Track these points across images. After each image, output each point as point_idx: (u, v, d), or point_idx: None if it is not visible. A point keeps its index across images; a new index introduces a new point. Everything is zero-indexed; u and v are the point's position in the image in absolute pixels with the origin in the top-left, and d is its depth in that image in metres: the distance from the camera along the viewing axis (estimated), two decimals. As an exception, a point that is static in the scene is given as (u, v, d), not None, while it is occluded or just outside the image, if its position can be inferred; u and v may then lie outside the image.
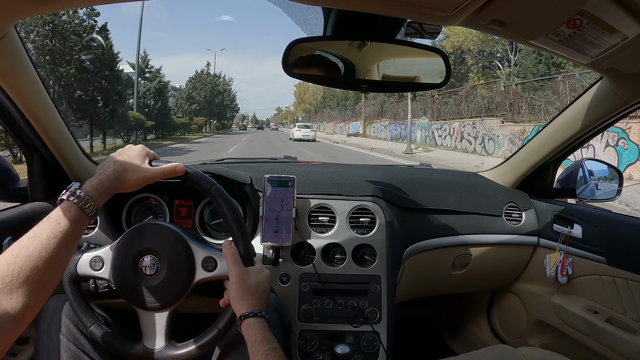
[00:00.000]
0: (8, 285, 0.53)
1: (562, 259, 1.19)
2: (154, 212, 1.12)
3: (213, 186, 0.75)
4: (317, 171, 1.23)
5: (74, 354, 0.77)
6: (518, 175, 1.36)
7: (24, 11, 0.59)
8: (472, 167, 8.26)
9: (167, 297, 0.76)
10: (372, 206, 1.11)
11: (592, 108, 1.04)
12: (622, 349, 1.01)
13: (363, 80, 0.83)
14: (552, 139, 1.21)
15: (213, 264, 0.77)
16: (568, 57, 0.73)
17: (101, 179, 0.66)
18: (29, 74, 0.82)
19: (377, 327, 1.03)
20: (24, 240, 0.57)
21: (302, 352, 1.03)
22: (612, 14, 0.58)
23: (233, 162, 1.47)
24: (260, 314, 0.69)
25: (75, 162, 1.06)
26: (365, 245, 1.09)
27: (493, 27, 0.63)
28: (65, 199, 0.62)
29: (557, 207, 1.27)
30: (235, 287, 0.71)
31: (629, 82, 0.87)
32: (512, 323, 1.48)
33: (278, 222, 1.01)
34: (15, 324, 0.53)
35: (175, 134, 26.80)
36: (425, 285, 1.35)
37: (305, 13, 0.79)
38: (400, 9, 0.60)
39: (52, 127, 0.94)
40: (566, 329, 1.19)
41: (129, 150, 0.72)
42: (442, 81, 0.83)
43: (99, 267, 0.77)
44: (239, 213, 0.78)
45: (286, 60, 0.77)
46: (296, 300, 1.04)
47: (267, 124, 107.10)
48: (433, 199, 1.26)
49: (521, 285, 1.41)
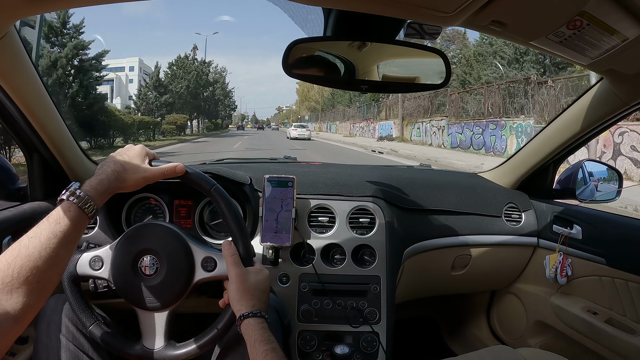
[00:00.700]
0: (8, 285, 0.53)
1: (561, 259, 1.19)
2: (154, 212, 1.12)
3: (213, 186, 0.75)
4: (316, 171, 1.23)
5: (73, 354, 0.77)
6: (518, 176, 1.36)
7: (24, 11, 0.59)
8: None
9: (166, 297, 0.76)
10: (372, 206, 1.11)
11: (592, 109, 1.04)
12: (622, 350, 1.01)
13: (363, 80, 0.83)
14: (552, 139, 1.21)
15: (212, 264, 0.77)
16: (568, 58, 0.73)
17: (101, 179, 0.66)
18: (29, 74, 0.82)
19: (376, 328, 1.03)
20: (24, 240, 0.57)
21: (302, 353, 1.03)
22: (612, 15, 0.58)
23: (233, 162, 1.47)
24: (259, 314, 0.69)
25: (75, 162, 1.06)
26: (365, 245, 1.09)
27: (493, 28, 0.63)
28: (65, 199, 0.62)
29: (557, 207, 1.27)
30: (234, 287, 0.71)
31: (629, 83, 0.87)
32: (511, 324, 1.48)
33: (278, 222, 1.01)
34: (16, 324, 0.53)
35: (119, 137, 16.11)
36: (425, 285, 1.35)
37: (305, 13, 0.79)
38: (400, 10, 0.60)
39: (51, 126, 0.94)
40: (566, 329, 1.19)
41: (129, 150, 0.72)
42: (442, 82, 0.83)
43: (99, 266, 0.77)
44: (238, 213, 0.78)
45: (286, 61, 0.77)
46: (296, 300, 1.04)
47: (267, 124, 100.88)
48: (433, 199, 1.26)
49: (521, 286, 1.41)
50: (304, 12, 0.78)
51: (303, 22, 0.81)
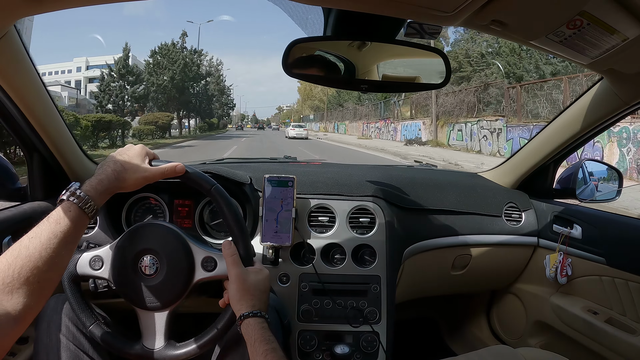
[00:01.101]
0: (9, 285, 0.53)
1: (561, 259, 1.19)
2: (154, 212, 1.12)
3: (213, 186, 0.75)
4: (317, 171, 1.23)
5: (73, 354, 0.77)
6: (518, 175, 1.36)
7: (23, 11, 0.59)
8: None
9: (166, 296, 0.76)
10: (372, 206, 1.11)
11: (592, 109, 1.04)
12: (622, 350, 1.01)
13: (363, 80, 0.83)
14: (552, 139, 1.21)
15: (213, 264, 0.77)
16: (568, 58, 0.73)
17: (101, 179, 0.66)
18: (29, 74, 0.82)
19: (376, 328, 1.03)
20: (24, 241, 0.57)
21: (302, 352, 1.03)
22: (612, 14, 0.58)
23: (233, 162, 1.47)
24: (260, 314, 0.69)
25: (75, 162, 1.06)
26: (365, 245, 1.09)
27: (493, 28, 0.63)
28: (65, 199, 0.62)
29: (557, 207, 1.27)
30: (234, 287, 0.71)
31: (629, 82, 0.87)
32: (511, 324, 1.48)
33: (278, 222, 1.01)
34: (16, 324, 0.53)
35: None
36: (425, 285, 1.35)
37: (306, 13, 0.79)
38: (400, 9, 0.60)
39: (51, 126, 0.94)
40: (566, 329, 1.19)
41: (129, 150, 0.72)
42: (442, 81, 0.83)
43: (99, 266, 0.77)
44: (238, 213, 0.78)
45: (286, 61, 0.77)
46: (296, 300, 1.05)
47: (267, 124, 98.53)
48: (433, 199, 1.26)
49: (521, 285, 1.41)
50: (304, 12, 0.78)
51: (303, 21, 0.81)
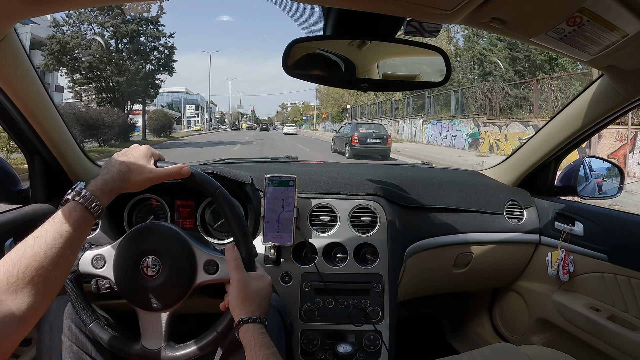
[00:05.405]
0: (13, 285, 0.53)
1: (563, 256, 1.19)
2: (155, 213, 1.12)
3: (217, 189, 0.75)
4: (318, 170, 1.23)
5: (76, 355, 0.77)
6: (519, 173, 1.36)
7: (23, 13, 0.59)
8: None
9: (167, 298, 0.75)
10: (373, 205, 1.11)
11: (592, 105, 1.04)
12: (624, 347, 1.01)
13: (363, 79, 0.83)
14: (552, 136, 1.20)
15: (215, 267, 0.76)
16: (568, 55, 0.73)
17: (106, 179, 0.66)
18: (29, 76, 0.82)
19: (379, 326, 1.03)
20: (30, 240, 0.57)
21: (305, 352, 1.03)
22: (612, 11, 0.58)
23: (234, 162, 1.47)
24: (259, 320, 0.68)
25: (76, 164, 1.06)
26: (367, 244, 1.09)
27: (493, 25, 0.63)
28: (71, 198, 0.62)
29: (559, 204, 1.27)
30: (235, 292, 0.71)
31: (629, 79, 0.87)
32: (514, 321, 1.48)
33: (279, 222, 1.01)
34: (21, 325, 0.53)
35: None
36: (427, 284, 1.35)
37: (305, 12, 0.79)
38: (400, 8, 0.60)
39: (52, 128, 0.94)
40: (568, 326, 1.19)
41: (134, 151, 0.72)
42: (443, 80, 0.83)
43: (101, 265, 0.77)
44: (242, 216, 0.77)
45: (286, 60, 0.77)
46: (298, 299, 1.05)
47: (271, 124, 76.73)
48: (434, 197, 1.26)
49: (523, 283, 1.41)
50: (304, 11, 0.78)
51: (303, 21, 0.81)
